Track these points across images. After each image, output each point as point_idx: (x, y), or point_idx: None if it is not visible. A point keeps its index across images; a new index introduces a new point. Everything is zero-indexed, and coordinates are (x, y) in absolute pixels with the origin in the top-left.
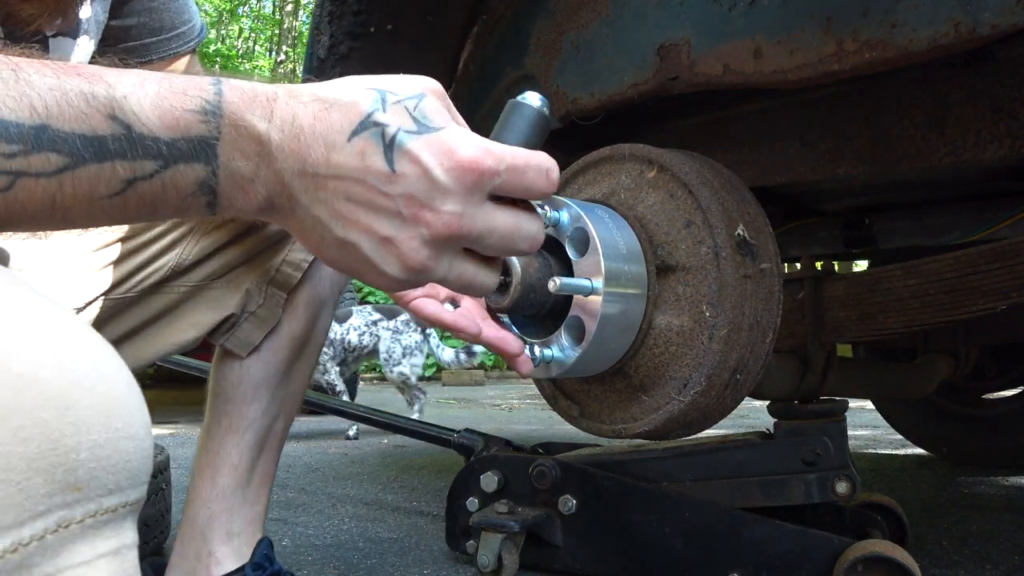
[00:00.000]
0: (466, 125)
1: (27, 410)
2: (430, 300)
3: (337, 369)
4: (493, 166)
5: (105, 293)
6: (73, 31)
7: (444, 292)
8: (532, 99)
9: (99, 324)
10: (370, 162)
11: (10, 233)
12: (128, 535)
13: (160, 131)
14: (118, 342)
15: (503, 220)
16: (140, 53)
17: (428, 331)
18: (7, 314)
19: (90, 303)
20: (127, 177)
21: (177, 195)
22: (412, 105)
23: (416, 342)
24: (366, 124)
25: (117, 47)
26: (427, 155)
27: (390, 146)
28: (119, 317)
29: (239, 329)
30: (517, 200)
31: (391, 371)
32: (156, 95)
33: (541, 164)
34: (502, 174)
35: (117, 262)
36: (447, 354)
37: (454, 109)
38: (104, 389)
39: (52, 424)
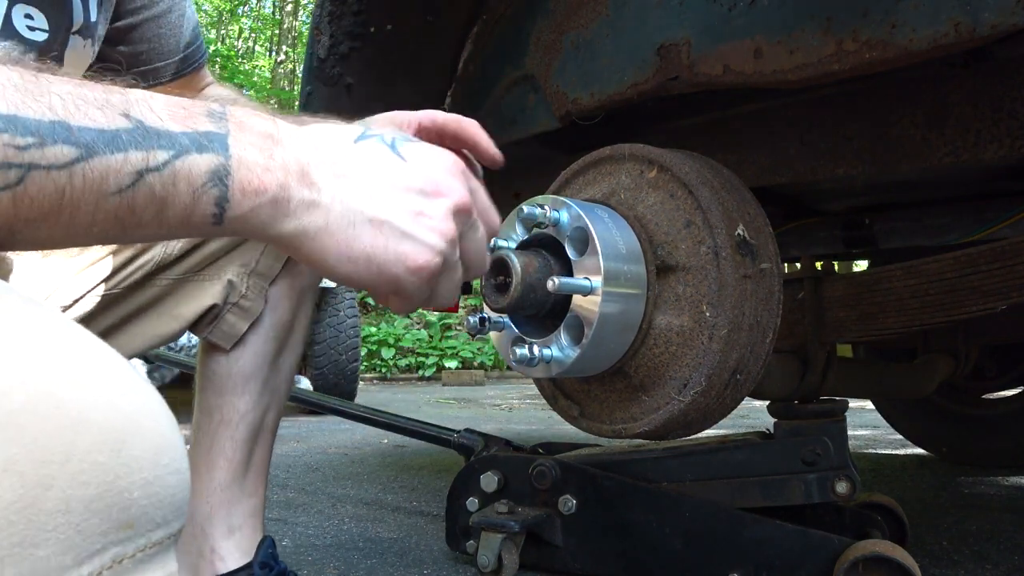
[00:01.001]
0: None
1: (83, 453)
2: None
3: None
4: (462, 162)
5: (93, 289)
6: (86, 32)
7: None
8: None
9: (87, 320)
10: (381, 155)
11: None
12: (171, 564)
13: (172, 125)
14: (104, 336)
15: (484, 197)
16: (152, 76)
17: None
18: (54, 355)
19: (79, 299)
20: (139, 167)
21: (189, 187)
22: (391, 129)
23: None
24: (366, 135)
25: (130, 72)
26: (425, 150)
27: (393, 146)
28: (106, 312)
29: (223, 321)
30: None
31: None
32: (165, 102)
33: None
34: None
35: (105, 259)
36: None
37: None
38: (151, 426)
39: (107, 466)
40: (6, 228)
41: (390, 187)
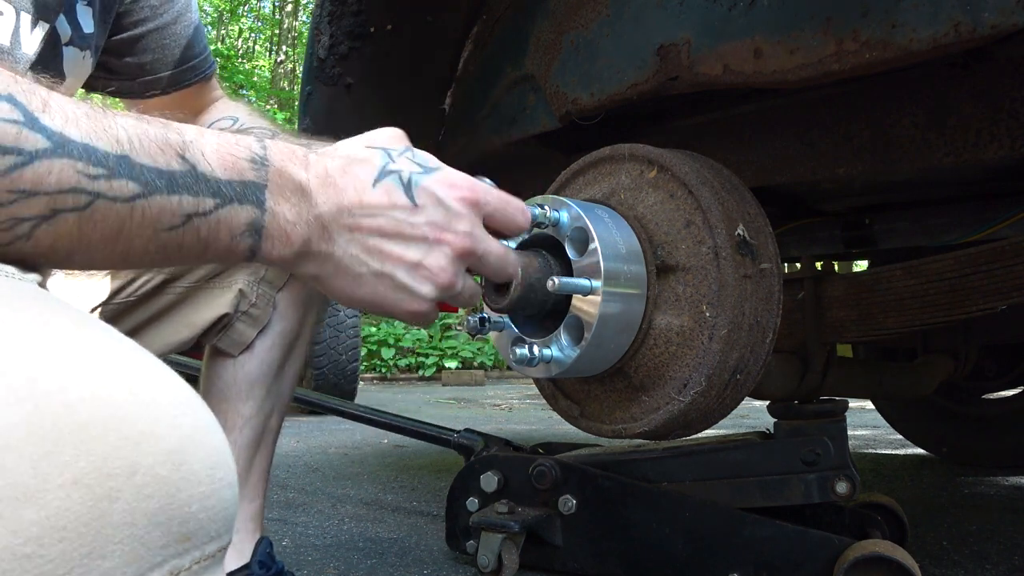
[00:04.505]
0: None
1: (147, 467)
2: None
3: None
4: (483, 195)
5: (110, 298)
6: (81, 43)
7: None
8: None
9: None
10: (395, 199)
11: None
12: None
13: (219, 172)
14: None
15: (496, 245)
16: (156, 86)
17: None
18: (114, 370)
19: (95, 308)
20: (189, 211)
21: (228, 234)
22: (411, 155)
23: None
24: (385, 172)
25: (136, 80)
26: (437, 188)
27: (408, 185)
28: (121, 320)
29: (232, 329)
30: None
31: None
32: (216, 144)
33: (520, 204)
34: (492, 203)
35: None
36: None
37: None
38: (208, 442)
39: (169, 480)
40: (65, 251)
41: (395, 238)
